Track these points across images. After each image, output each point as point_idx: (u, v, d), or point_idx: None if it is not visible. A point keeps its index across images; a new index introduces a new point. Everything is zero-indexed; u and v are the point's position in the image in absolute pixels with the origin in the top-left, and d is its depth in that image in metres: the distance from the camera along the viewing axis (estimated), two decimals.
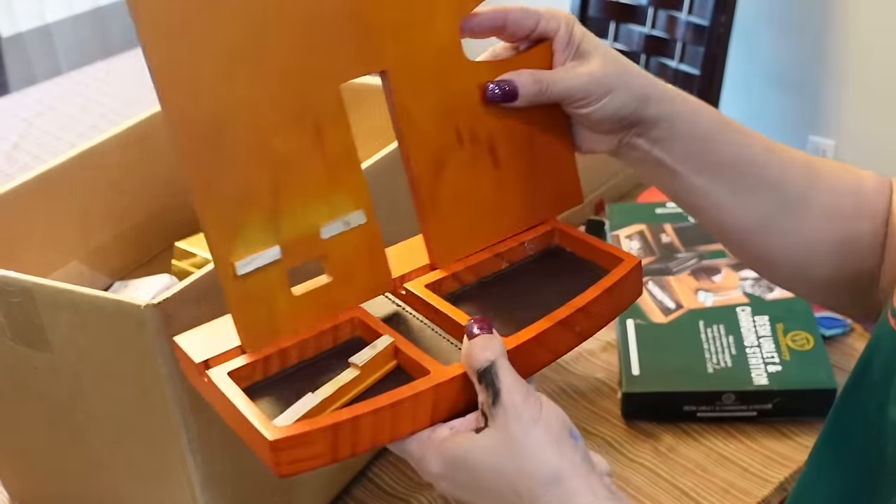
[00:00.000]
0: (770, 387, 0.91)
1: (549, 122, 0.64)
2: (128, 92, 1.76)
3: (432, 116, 0.60)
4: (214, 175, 0.52)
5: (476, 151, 0.62)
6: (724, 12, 1.86)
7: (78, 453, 0.80)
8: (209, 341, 0.58)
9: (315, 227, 0.56)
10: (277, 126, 0.54)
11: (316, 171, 0.56)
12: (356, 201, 0.58)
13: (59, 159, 0.89)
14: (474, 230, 0.64)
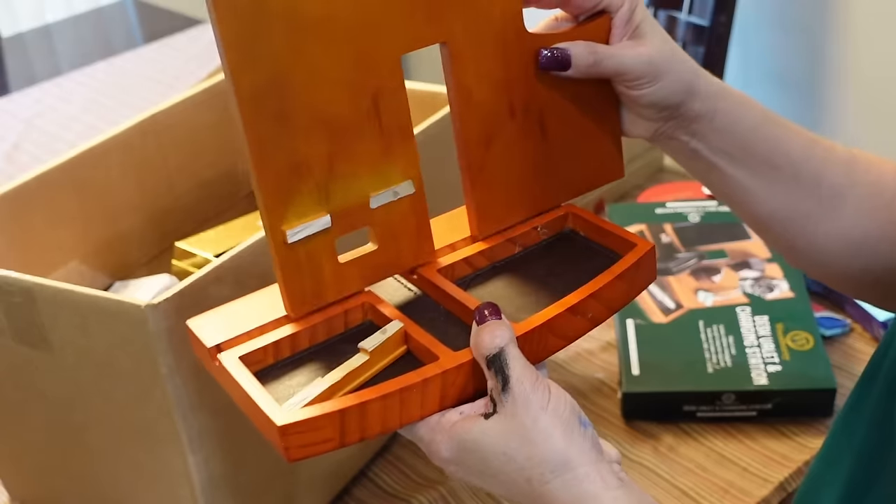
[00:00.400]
0: (770, 387, 0.91)
1: (599, 96, 0.64)
2: (128, 92, 1.76)
3: (489, 89, 0.60)
4: (273, 142, 0.52)
5: (527, 123, 0.62)
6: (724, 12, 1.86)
7: (78, 453, 0.80)
8: (222, 325, 0.58)
9: (365, 196, 0.57)
10: (338, 95, 0.54)
11: (371, 141, 0.56)
12: (406, 171, 0.58)
13: (59, 159, 0.89)
14: (519, 201, 0.64)
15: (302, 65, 0.52)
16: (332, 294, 0.58)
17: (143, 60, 1.90)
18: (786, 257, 0.73)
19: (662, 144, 0.67)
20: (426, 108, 0.94)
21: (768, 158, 0.66)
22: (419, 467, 0.92)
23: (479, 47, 0.59)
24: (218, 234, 1.00)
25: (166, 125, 0.98)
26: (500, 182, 0.63)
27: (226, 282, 0.71)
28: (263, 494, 0.80)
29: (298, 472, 0.83)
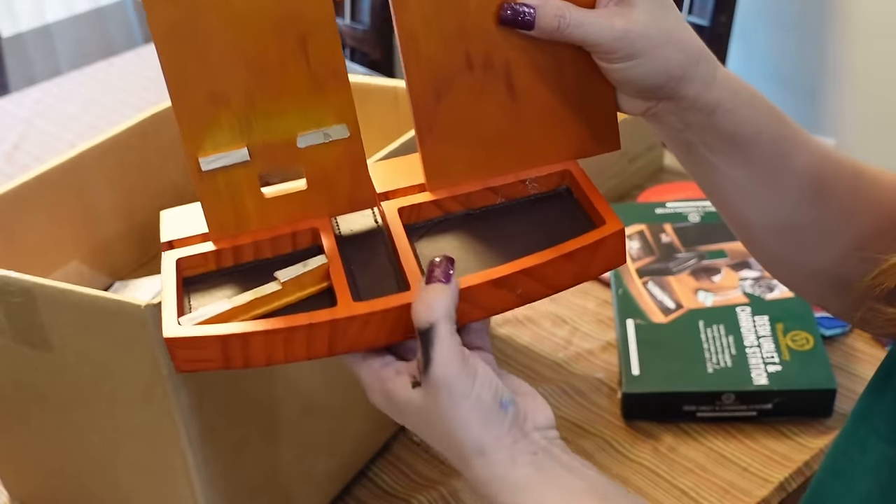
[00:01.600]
0: (770, 387, 0.91)
1: (585, 55, 0.57)
2: (128, 92, 1.76)
3: (439, 38, 0.56)
4: (189, 70, 0.52)
5: (488, 79, 0.57)
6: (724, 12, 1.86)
7: (78, 453, 0.80)
8: (186, 222, 0.58)
9: (291, 133, 0.55)
10: (258, 33, 0.52)
11: (297, 80, 0.54)
12: (339, 115, 0.56)
13: (59, 159, 0.89)
14: (480, 160, 0.60)
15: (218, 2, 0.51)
16: (256, 226, 0.57)
17: (143, 60, 1.89)
18: (769, 268, 0.69)
19: (655, 126, 0.61)
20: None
21: (771, 167, 0.61)
22: (419, 467, 0.92)
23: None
24: None
25: (166, 125, 0.98)
26: (456, 136, 0.59)
27: None
28: (263, 494, 0.80)
29: (298, 472, 0.83)
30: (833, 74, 2.18)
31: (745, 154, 0.61)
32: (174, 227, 0.59)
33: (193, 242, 0.57)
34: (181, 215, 0.60)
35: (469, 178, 0.60)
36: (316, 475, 0.85)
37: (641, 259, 1.08)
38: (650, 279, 1.05)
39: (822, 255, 0.65)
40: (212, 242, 0.57)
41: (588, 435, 0.92)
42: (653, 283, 1.04)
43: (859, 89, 2.15)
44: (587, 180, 0.60)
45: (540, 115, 0.60)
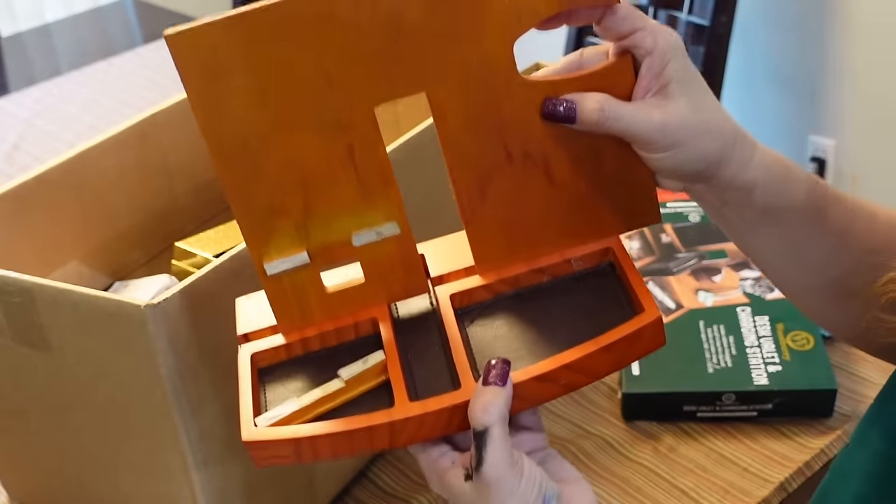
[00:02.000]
0: (770, 387, 0.90)
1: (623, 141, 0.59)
2: (127, 92, 1.75)
3: (479, 136, 0.58)
4: (248, 188, 0.55)
5: (528, 169, 0.59)
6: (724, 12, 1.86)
7: (77, 453, 0.80)
8: (257, 312, 0.61)
9: (346, 234, 0.58)
10: (308, 146, 0.55)
11: (347, 187, 0.57)
12: (389, 214, 0.59)
13: (58, 159, 0.89)
14: (525, 243, 0.62)
15: (268, 119, 0.54)
16: (320, 317, 0.61)
17: (142, 60, 1.89)
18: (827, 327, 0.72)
19: (694, 200, 0.63)
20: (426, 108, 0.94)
21: (808, 234, 0.63)
22: (419, 468, 0.92)
23: (463, 96, 0.57)
24: (218, 234, 1.00)
25: (166, 125, 0.98)
26: (501, 225, 0.61)
27: (225, 282, 0.71)
28: (263, 495, 0.80)
29: (298, 472, 0.83)
30: (833, 74, 2.18)
31: (782, 227, 0.63)
32: (248, 317, 0.62)
33: (266, 335, 0.61)
34: (254, 305, 0.63)
35: (516, 260, 0.62)
36: (315, 475, 0.85)
37: (642, 259, 1.08)
38: (650, 279, 1.04)
39: (831, 269, 0.66)
40: (282, 335, 0.61)
41: (588, 435, 0.92)
42: (653, 283, 1.04)
43: (859, 89, 2.15)
44: (628, 259, 0.61)
45: (580, 197, 0.61)
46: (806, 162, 2.27)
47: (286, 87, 0.53)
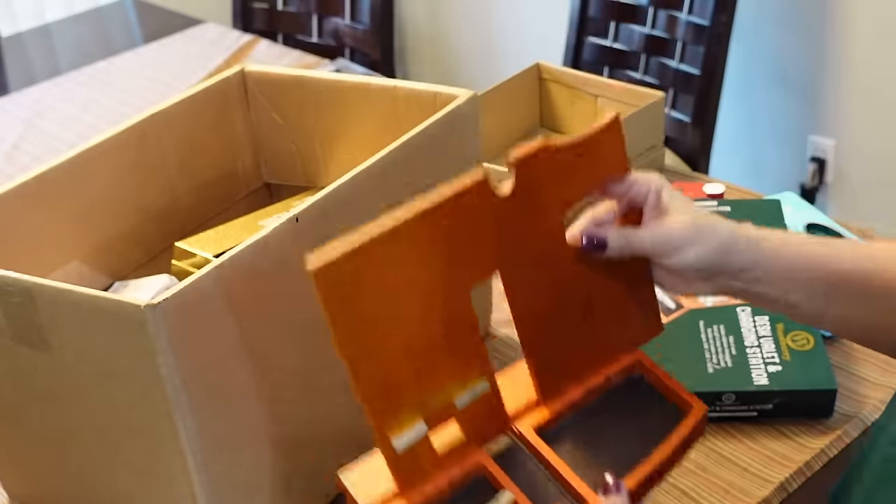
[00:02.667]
0: (770, 387, 0.90)
1: (633, 269, 0.72)
2: (128, 92, 1.75)
3: (540, 293, 0.69)
4: (371, 375, 0.62)
5: (574, 307, 0.71)
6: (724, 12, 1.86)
7: (77, 454, 0.80)
8: (369, 483, 0.66)
9: (450, 399, 0.66)
10: (420, 332, 0.63)
11: (448, 358, 0.65)
12: (481, 373, 0.67)
13: (58, 159, 0.89)
14: (574, 370, 0.72)
15: (388, 319, 0.62)
16: (432, 474, 0.67)
17: (142, 60, 1.89)
18: None
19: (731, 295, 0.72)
20: (426, 108, 0.94)
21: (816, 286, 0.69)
22: None
23: (529, 266, 0.68)
24: (217, 234, 1.00)
25: (166, 125, 0.98)
26: (557, 357, 0.71)
27: (225, 282, 0.71)
28: (262, 495, 0.80)
29: (298, 472, 0.83)
30: (833, 74, 2.18)
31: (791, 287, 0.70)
32: (365, 490, 0.66)
33: (390, 501, 0.65)
34: (362, 475, 0.67)
35: (567, 387, 0.72)
36: (315, 476, 0.85)
37: None
38: None
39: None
40: (405, 499, 0.65)
41: None
42: None
43: (859, 89, 2.15)
44: (654, 366, 0.73)
45: (609, 322, 0.73)
46: (806, 162, 2.27)
47: (406, 288, 0.62)
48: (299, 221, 0.76)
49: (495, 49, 2.69)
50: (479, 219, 0.64)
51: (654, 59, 2.00)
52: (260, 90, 1.06)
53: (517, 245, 0.67)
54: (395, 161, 0.84)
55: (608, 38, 2.06)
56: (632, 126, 1.28)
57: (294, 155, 1.08)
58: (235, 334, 0.73)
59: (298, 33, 2.30)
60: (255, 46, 1.92)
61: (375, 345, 0.61)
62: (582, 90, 1.40)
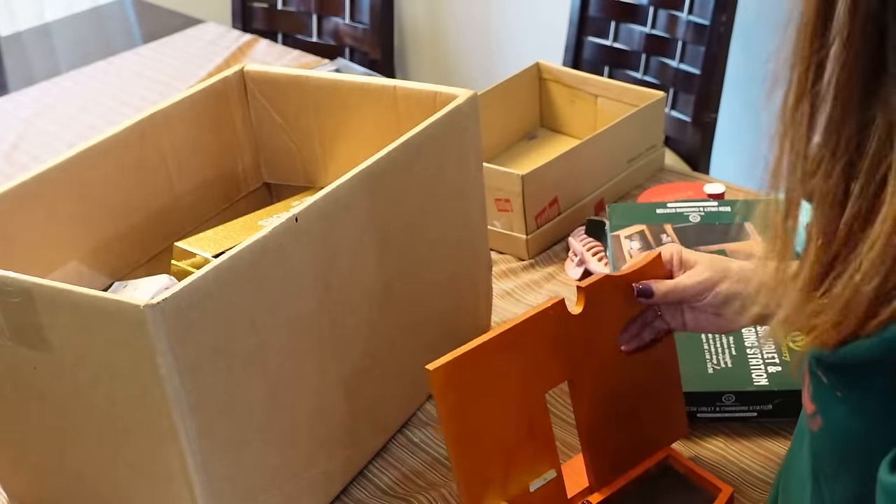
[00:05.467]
0: (770, 387, 0.90)
1: (667, 375, 0.87)
2: (127, 91, 1.75)
3: (596, 398, 0.82)
4: (472, 465, 0.75)
5: (622, 412, 0.84)
6: (725, 12, 1.86)
7: (77, 454, 0.80)
8: None
9: (527, 484, 0.78)
10: (507, 428, 0.77)
11: (529, 451, 0.78)
12: (551, 464, 0.80)
13: (58, 159, 0.89)
14: (621, 462, 0.85)
15: (485, 415, 0.75)
16: None
17: (142, 60, 1.89)
18: None
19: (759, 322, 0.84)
20: (426, 107, 0.94)
21: None
22: (418, 468, 0.92)
23: (591, 376, 0.81)
24: (217, 234, 1.00)
25: (166, 125, 0.98)
26: (608, 455, 0.84)
27: (225, 282, 0.71)
28: (262, 495, 0.80)
29: (298, 473, 0.83)
30: None
31: None
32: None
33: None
34: None
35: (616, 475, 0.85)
36: (315, 476, 0.85)
37: None
38: None
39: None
40: None
41: None
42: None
43: None
44: (683, 457, 0.87)
45: (649, 424, 0.86)
46: None
47: (501, 392, 0.76)
48: (299, 221, 0.76)
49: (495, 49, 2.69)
50: (555, 334, 0.78)
51: (654, 58, 2.00)
52: (260, 90, 1.06)
53: (584, 357, 0.81)
54: (395, 161, 0.84)
55: (608, 38, 2.06)
56: (632, 126, 1.28)
57: (294, 155, 1.08)
58: (235, 334, 0.73)
59: (298, 33, 2.30)
60: (254, 46, 1.92)
61: (474, 437, 0.75)
62: (582, 90, 1.40)
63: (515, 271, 1.18)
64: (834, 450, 0.55)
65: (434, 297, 0.96)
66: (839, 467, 0.55)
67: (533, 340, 0.77)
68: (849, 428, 0.53)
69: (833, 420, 0.54)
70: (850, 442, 0.54)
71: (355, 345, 0.85)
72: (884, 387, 0.50)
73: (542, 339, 0.78)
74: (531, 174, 1.15)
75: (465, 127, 0.93)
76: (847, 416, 0.53)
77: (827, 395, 0.54)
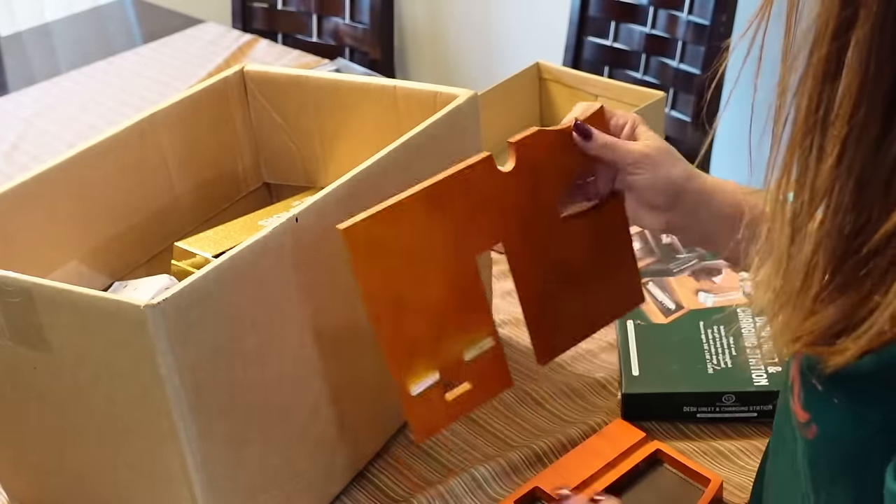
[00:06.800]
0: (770, 387, 0.90)
1: (617, 239, 0.83)
2: (127, 91, 1.75)
3: (536, 260, 0.79)
4: (395, 332, 0.72)
5: (564, 276, 0.80)
6: (725, 12, 1.86)
7: (77, 454, 0.80)
8: None
9: (460, 353, 0.75)
10: (433, 292, 0.73)
11: (459, 317, 0.75)
12: (487, 331, 0.77)
13: (58, 159, 0.89)
14: (567, 333, 0.83)
15: (407, 279, 0.72)
16: (444, 422, 0.77)
17: (142, 60, 1.89)
18: None
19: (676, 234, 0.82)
20: (426, 107, 0.94)
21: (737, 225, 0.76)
22: (418, 468, 0.92)
23: (529, 237, 0.78)
24: (217, 234, 1.00)
25: (166, 125, 0.98)
26: (551, 323, 0.80)
27: (225, 282, 0.71)
28: (262, 495, 0.80)
29: (298, 473, 0.83)
30: None
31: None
32: None
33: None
34: None
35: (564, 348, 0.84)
36: (315, 476, 0.85)
37: (642, 260, 1.08)
38: (650, 280, 1.04)
39: None
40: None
41: (589, 435, 0.92)
42: (653, 284, 1.04)
43: None
44: (673, 452, 0.87)
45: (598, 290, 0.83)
46: None
47: (421, 253, 0.72)
48: (299, 221, 0.76)
49: (495, 49, 2.69)
50: (484, 193, 0.74)
51: (654, 58, 2.00)
52: (260, 90, 1.06)
53: (518, 218, 0.76)
54: (395, 161, 0.84)
55: (608, 38, 2.06)
56: None
57: (294, 155, 1.08)
58: (235, 334, 0.73)
59: (298, 33, 2.30)
60: (254, 46, 1.92)
61: (396, 302, 0.71)
62: (582, 90, 1.40)
63: None
64: (832, 457, 0.55)
65: None
66: (838, 474, 0.55)
67: (458, 199, 0.73)
68: (846, 435, 0.53)
69: (829, 427, 0.54)
70: (847, 448, 0.53)
71: (355, 344, 0.85)
72: (882, 392, 0.50)
73: (468, 197, 0.73)
74: None
75: (465, 127, 0.93)
76: (844, 422, 0.52)
77: (822, 402, 0.54)
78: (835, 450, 0.54)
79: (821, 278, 0.50)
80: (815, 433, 0.55)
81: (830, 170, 0.48)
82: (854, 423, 0.52)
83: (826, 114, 0.47)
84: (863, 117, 0.46)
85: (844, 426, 0.52)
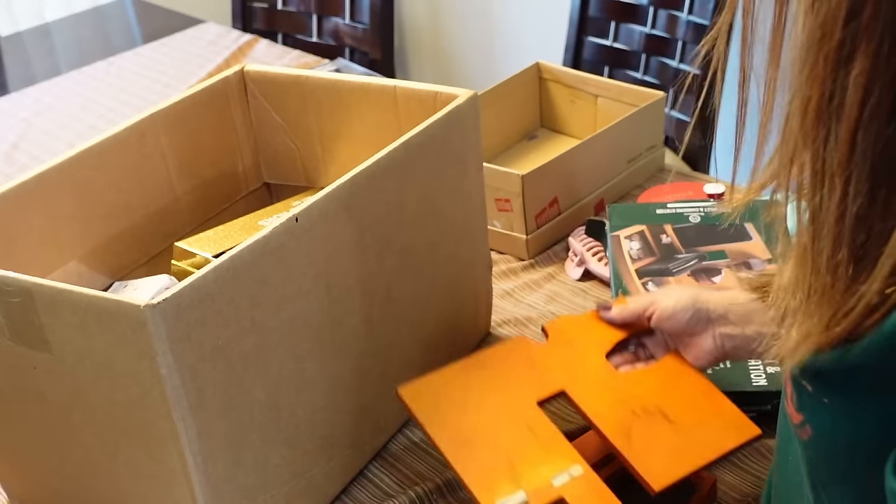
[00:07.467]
0: (769, 388, 0.90)
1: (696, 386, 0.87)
2: (127, 92, 1.75)
3: (609, 408, 0.85)
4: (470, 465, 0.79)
5: (651, 417, 0.85)
6: None
7: (78, 453, 0.80)
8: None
9: (548, 478, 0.79)
10: (504, 431, 0.82)
11: (536, 450, 0.81)
12: (571, 461, 0.80)
13: (58, 159, 0.89)
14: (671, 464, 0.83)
15: (473, 423, 0.82)
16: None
17: (142, 60, 1.89)
18: None
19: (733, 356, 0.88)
20: (426, 107, 0.94)
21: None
22: (418, 468, 0.92)
23: (585, 389, 0.86)
24: (217, 234, 1.00)
25: (166, 125, 0.98)
26: (648, 455, 0.83)
27: (225, 282, 0.71)
28: (262, 495, 0.80)
29: (298, 473, 0.83)
30: None
31: None
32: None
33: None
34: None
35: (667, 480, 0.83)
36: (315, 476, 0.85)
37: (641, 260, 1.08)
38: (650, 280, 1.04)
39: None
40: None
41: None
42: (653, 284, 1.04)
43: None
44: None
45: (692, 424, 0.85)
46: None
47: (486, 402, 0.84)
48: (299, 221, 0.76)
49: (495, 49, 2.69)
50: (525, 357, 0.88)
51: (654, 58, 2.00)
52: (260, 90, 1.06)
53: (572, 373, 0.87)
54: (395, 161, 0.84)
55: (608, 38, 2.06)
56: (632, 126, 1.28)
57: (294, 155, 1.08)
58: (235, 334, 0.73)
59: (298, 33, 2.30)
60: (254, 46, 1.92)
61: (468, 443, 0.81)
62: (582, 90, 1.40)
63: (515, 271, 1.18)
64: (827, 457, 0.55)
65: (434, 297, 0.96)
66: (835, 473, 0.55)
67: (502, 364, 0.87)
68: (839, 433, 0.53)
69: (822, 428, 0.54)
70: (842, 447, 0.53)
71: (355, 345, 0.85)
72: (870, 387, 0.50)
73: (510, 363, 0.87)
74: (531, 174, 1.15)
75: (465, 127, 0.93)
76: (836, 422, 0.53)
77: (813, 403, 0.54)
78: (830, 449, 0.54)
79: (845, 271, 0.49)
80: (809, 434, 0.55)
81: (846, 157, 0.47)
82: (847, 421, 0.52)
83: (840, 101, 0.47)
84: (875, 100, 0.45)
85: (837, 426, 0.52)
